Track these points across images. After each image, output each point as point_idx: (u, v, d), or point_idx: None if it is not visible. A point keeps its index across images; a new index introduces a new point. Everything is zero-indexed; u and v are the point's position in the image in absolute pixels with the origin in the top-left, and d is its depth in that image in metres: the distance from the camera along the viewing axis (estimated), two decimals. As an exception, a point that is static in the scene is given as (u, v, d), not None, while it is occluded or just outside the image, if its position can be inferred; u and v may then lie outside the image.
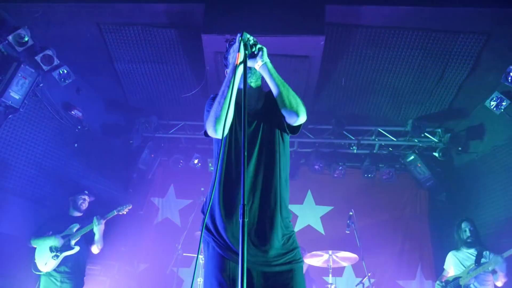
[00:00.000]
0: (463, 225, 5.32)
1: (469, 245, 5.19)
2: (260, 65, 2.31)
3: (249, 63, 2.29)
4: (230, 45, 2.56)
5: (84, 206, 5.54)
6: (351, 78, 5.76)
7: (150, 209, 7.57)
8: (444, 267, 5.46)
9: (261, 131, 2.43)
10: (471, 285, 4.91)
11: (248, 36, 2.25)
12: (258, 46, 2.30)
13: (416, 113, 6.46)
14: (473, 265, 4.98)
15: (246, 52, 2.21)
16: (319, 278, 6.38)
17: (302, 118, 2.36)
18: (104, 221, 5.33)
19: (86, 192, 5.62)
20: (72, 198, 5.55)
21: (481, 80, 5.49)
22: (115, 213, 5.50)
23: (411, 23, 4.84)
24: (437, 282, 5.37)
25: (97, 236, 5.28)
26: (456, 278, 5.06)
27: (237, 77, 2.23)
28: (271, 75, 2.32)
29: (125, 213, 5.62)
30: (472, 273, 4.92)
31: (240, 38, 2.21)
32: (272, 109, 2.42)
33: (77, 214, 5.48)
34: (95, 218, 5.28)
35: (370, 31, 4.97)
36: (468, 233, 5.22)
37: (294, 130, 2.47)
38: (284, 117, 2.39)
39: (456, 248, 5.38)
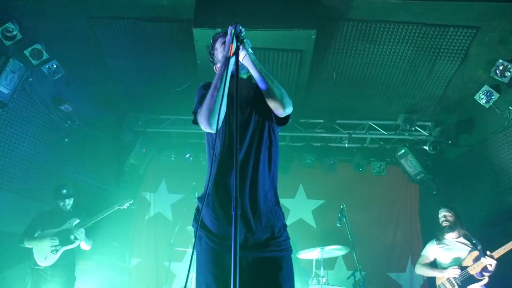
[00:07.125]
0: (439, 212, 5.36)
1: (448, 231, 5.17)
2: (243, 56, 2.32)
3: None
4: (215, 41, 2.58)
5: (68, 208, 5.42)
6: (342, 72, 5.77)
7: (142, 204, 7.55)
8: (426, 254, 5.32)
9: (253, 119, 2.45)
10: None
11: (241, 27, 2.26)
12: (241, 38, 2.31)
13: (407, 107, 6.49)
14: (476, 251, 4.89)
15: (238, 44, 2.23)
16: (310, 271, 6.41)
17: (288, 110, 2.36)
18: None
19: (64, 191, 5.44)
20: (56, 203, 5.43)
21: (470, 74, 5.52)
22: (116, 207, 5.50)
23: (401, 17, 4.85)
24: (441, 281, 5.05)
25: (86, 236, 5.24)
26: (464, 268, 4.86)
27: (229, 69, 2.23)
28: (254, 66, 2.32)
29: (126, 207, 5.63)
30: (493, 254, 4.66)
31: (233, 30, 2.23)
32: (262, 99, 2.42)
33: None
34: (97, 214, 5.27)
35: (361, 25, 4.98)
36: (445, 221, 5.23)
37: (282, 121, 2.48)
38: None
39: (438, 237, 5.29)
